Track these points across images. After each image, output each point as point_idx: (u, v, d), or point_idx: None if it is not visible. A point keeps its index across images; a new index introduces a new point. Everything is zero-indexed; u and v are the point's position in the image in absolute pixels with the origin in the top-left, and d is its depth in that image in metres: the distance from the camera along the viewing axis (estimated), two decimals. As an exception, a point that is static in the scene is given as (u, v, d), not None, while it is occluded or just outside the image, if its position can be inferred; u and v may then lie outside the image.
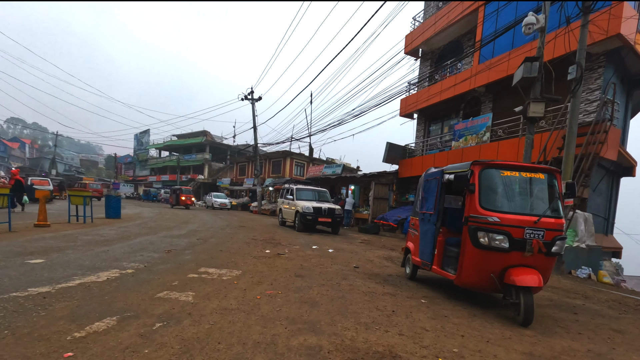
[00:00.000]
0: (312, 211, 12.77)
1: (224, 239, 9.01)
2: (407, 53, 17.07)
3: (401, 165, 16.85)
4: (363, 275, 5.70)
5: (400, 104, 17.06)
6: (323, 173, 21.19)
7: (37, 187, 22.90)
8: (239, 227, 13.39)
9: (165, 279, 4.33)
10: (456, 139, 13.72)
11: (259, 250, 7.44)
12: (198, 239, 8.68)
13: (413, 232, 5.63)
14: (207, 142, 47.63)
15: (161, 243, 7.41)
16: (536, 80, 6.53)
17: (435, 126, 16.55)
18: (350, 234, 14.29)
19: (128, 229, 9.59)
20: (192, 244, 7.71)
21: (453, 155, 13.64)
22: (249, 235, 10.45)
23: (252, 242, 8.77)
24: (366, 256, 7.98)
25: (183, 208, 26.87)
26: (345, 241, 10.97)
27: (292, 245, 8.87)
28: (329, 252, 8.06)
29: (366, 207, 18.08)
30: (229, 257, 6.26)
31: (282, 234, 11.84)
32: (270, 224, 16.05)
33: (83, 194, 10.31)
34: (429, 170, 5.42)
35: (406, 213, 14.05)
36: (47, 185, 24.36)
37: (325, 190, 15.29)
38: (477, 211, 3.84)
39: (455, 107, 15.04)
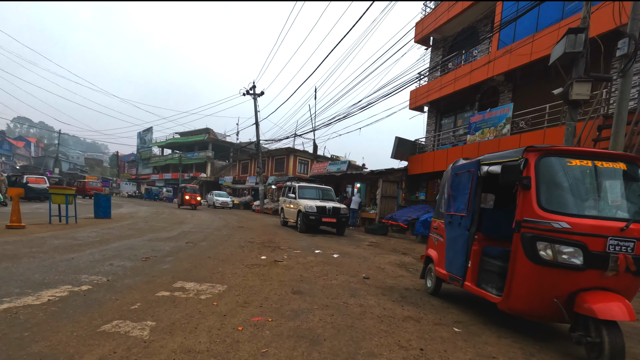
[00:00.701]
0: (315, 211, 11.80)
1: (216, 242, 8.08)
2: (417, 42, 15.98)
3: (411, 162, 15.79)
4: (375, 289, 4.72)
5: (410, 96, 15.99)
6: (327, 170, 20.21)
7: (32, 185, 22.27)
8: (237, 227, 12.47)
9: (124, 300, 3.39)
10: (472, 132, 12.64)
11: (254, 256, 6.49)
12: (187, 242, 7.76)
13: (436, 238, 4.63)
14: (209, 139, 46.88)
15: (142, 248, 6.48)
16: (580, 57, 5.49)
17: (448, 120, 15.46)
18: (356, 235, 13.31)
19: (112, 231, 8.70)
20: (179, 248, 6.78)
21: (468, 150, 12.56)
22: (246, 238, 9.51)
23: (247, 246, 7.83)
24: (376, 262, 6.99)
25: (189, 208, 23.83)
26: (351, 244, 9.99)
27: (292, 249, 7.92)
28: (334, 258, 7.09)
29: (373, 206, 17.07)
30: (216, 266, 5.31)
31: (283, 235, 10.89)
32: (271, 224, 15.12)
33: (65, 192, 9.45)
34: (457, 162, 4.42)
35: (417, 213, 13.02)
36: (43, 184, 23.72)
37: (330, 188, 14.31)
38: (535, 214, 2.83)
39: (469, 99, 13.95)
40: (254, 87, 26.89)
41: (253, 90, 26.95)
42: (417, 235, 11.86)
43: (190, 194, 24.22)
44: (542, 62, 10.45)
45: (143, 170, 61.49)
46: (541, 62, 10.44)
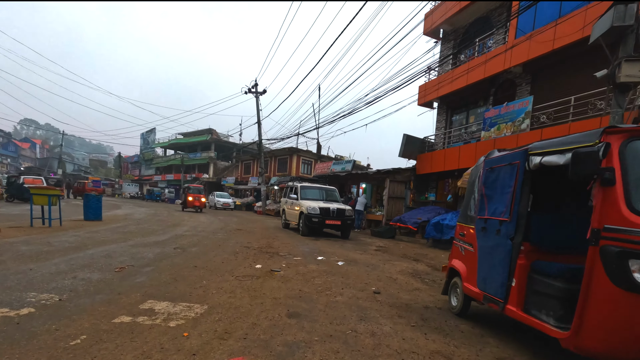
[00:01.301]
0: (318, 212, 11.00)
1: (209, 248, 7.30)
2: (426, 34, 15.16)
3: (419, 161, 14.94)
4: (389, 308, 3.90)
5: (419, 91, 15.15)
6: (331, 170, 19.40)
7: (28, 186, 21.73)
8: (235, 230, 11.70)
9: (67, 331, 2.61)
10: (486, 128, 11.76)
11: (248, 265, 5.70)
12: (176, 247, 6.99)
13: (464, 247, 3.80)
14: (212, 140, 46.29)
15: (121, 255, 5.72)
16: (630, 32, 4.64)
17: (459, 116, 14.59)
18: (362, 238, 12.48)
19: (95, 235, 7.97)
20: (164, 255, 6.01)
21: (483, 147, 11.69)
22: (243, 242, 8.74)
23: (242, 252, 7.05)
24: (386, 271, 6.17)
25: (193, 211, 21.06)
26: (357, 248, 9.17)
27: (292, 255, 7.12)
28: (339, 266, 6.28)
29: (379, 208, 16.23)
30: (201, 279, 4.53)
31: (283, 239, 10.10)
32: (272, 227, 14.35)
33: (48, 193, 8.75)
34: (492, 154, 3.60)
35: (427, 214, 12.16)
36: (41, 184, 23.20)
37: (334, 188, 13.51)
38: (622, 219, 2.01)
39: (483, 93, 13.07)
40: (256, 85, 26.21)
41: (255, 89, 26.26)
42: (428, 239, 11.01)
43: (194, 194, 20.90)
44: (566, 50, 9.58)
45: (146, 171, 61.16)
46: (566, 50, 9.58)
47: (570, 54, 9.79)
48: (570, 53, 9.76)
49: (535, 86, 11.17)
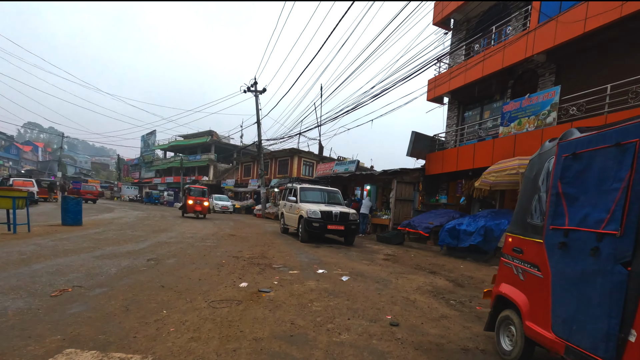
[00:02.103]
0: (319, 216, 9.91)
1: (190, 259, 6.22)
2: (435, 24, 14.10)
3: (429, 161, 13.82)
4: (415, 353, 2.80)
5: (428, 85, 14.06)
6: (334, 171, 18.31)
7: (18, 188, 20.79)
8: (227, 236, 10.62)
9: None
10: (505, 123, 10.64)
11: (231, 283, 4.60)
12: (150, 259, 5.91)
13: (525, 269, 2.68)
14: (212, 141, 45.36)
15: (74, 271, 4.64)
16: None
17: (473, 112, 13.47)
18: (367, 244, 11.36)
19: (60, 244, 6.89)
20: (129, 270, 4.94)
21: (501, 144, 10.58)
22: (233, 250, 7.65)
23: (229, 264, 5.96)
24: (401, 289, 5.05)
25: (194, 217, 18.10)
26: (363, 257, 8.06)
27: (288, 267, 6.02)
28: (343, 283, 5.17)
29: (386, 211, 15.11)
30: (162, 307, 3.44)
31: (280, 246, 9.01)
32: (270, 232, 13.26)
33: (12, 195, 7.71)
34: (571, 133, 2.51)
35: (439, 219, 11.03)
36: (32, 187, 22.27)
37: (337, 190, 12.42)
38: None
39: (500, 86, 11.96)
40: (255, 84, 25.24)
41: (254, 87, 25.30)
42: (442, 246, 9.87)
43: (195, 197, 17.78)
44: (599, 34, 8.48)
45: (146, 174, 60.36)
46: (599, 34, 8.47)
47: (603, 37, 8.69)
48: (603, 37, 8.66)
49: (561, 76, 10.05)
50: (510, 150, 10.21)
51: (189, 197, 17.69)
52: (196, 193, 18.50)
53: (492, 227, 8.05)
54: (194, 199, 17.64)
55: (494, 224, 8.11)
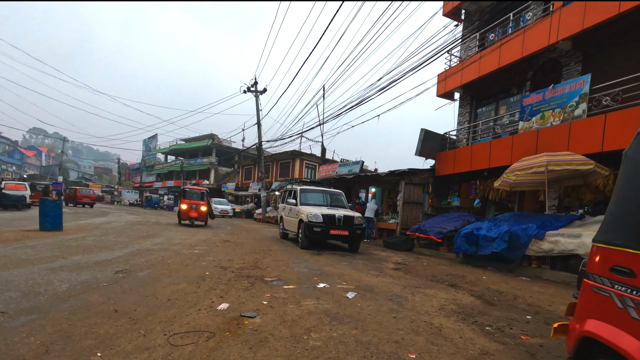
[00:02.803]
0: (321, 221, 8.96)
1: (168, 270, 5.29)
2: (446, 15, 13.20)
3: (439, 160, 12.84)
4: None
5: (438, 80, 13.11)
6: (337, 173, 17.37)
7: (8, 192, 20.02)
8: (221, 242, 9.68)
9: None
10: (526, 117, 9.67)
11: (207, 305, 3.66)
12: (118, 271, 4.98)
13: (628, 299, 1.70)
14: (213, 145, 44.65)
15: (10, 290, 3.71)
16: None
17: (487, 107, 12.49)
18: (373, 250, 10.38)
19: (19, 252, 5.98)
20: (84, 287, 4.01)
21: (521, 140, 9.60)
22: (222, 259, 6.71)
23: (212, 277, 5.01)
24: (421, 310, 4.08)
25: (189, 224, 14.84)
26: (371, 266, 7.09)
27: (283, 281, 5.07)
28: (349, 301, 4.21)
29: (393, 215, 14.12)
30: (100, 344, 2.50)
31: (277, 254, 8.06)
32: (268, 237, 12.32)
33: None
34: None
35: (453, 223, 10.02)
36: (24, 190, 21.52)
37: (340, 192, 11.46)
38: None
39: (517, 78, 11.01)
40: (256, 84, 24.47)
41: (255, 87, 24.53)
42: (458, 253, 8.86)
43: (190, 201, 14.63)
44: (637, 14, 7.52)
45: (147, 178, 59.76)
46: (636, 14, 7.51)
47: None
48: None
49: (588, 65, 9.08)
50: (532, 146, 9.22)
51: (183, 201, 14.64)
52: (192, 195, 15.06)
53: (519, 233, 7.05)
54: (188, 202, 14.48)
55: (520, 228, 7.10)
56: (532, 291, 5.64)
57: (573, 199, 9.15)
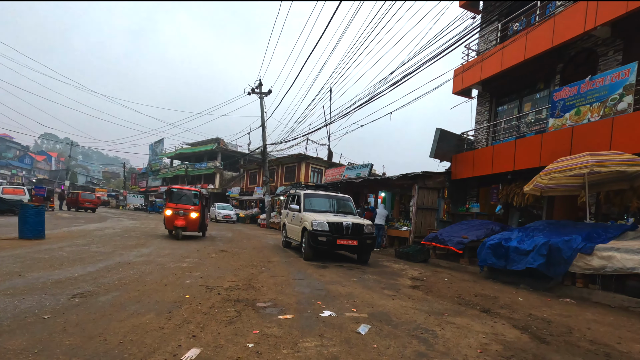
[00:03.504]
0: (327, 229, 7.99)
1: (139, 292, 4.36)
2: (462, 6, 12.24)
3: (456, 163, 11.80)
4: None
5: (454, 76, 12.11)
6: (344, 176, 16.39)
7: (5, 196, 19.48)
8: (216, 252, 8.77)
9: None
10: (557, 113, 8.60)
11: (171, 351, 2.70)
12: (76, 295, 4.06)
13: None
14: (218, 149, 44.03)
15: None
16: None
17: (509, 105, 11.43)
18: (384, 261, 9.36)
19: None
20: (13, 321, 3.09)
21: (553, 139, 8.53)
22: (213, 274, 5.78)
23: (193, 302, 4.07)
24: (459, 355, 3.07)
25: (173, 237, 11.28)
26: (384, 283, 6.08)
27: (279, 306, 4.10)
28: (361, 340, 3.22)
29: (404, 221, 13.07)
30: None
31: (277, 267, 7.10)
32: (271, 245, 11.38)
33: None
34: None
35: (475, 231, 8.96)
36: (23, 195, 20.98)
37: (348, 197, 10.49)
38: None
39: (544, 72, 9.96)
40: (260, 85, 23.74)
41: (259, 89, 23.80)
42: (482, 267, 7.77)
43: (177, 205, 11.15)
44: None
45: (153, 182, 59.51)
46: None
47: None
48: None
49: (631, 53, 8.01)
50: (565, 146, 8.16)
51: (168, 205, 11.14)
52: (181, 198, 11.58)
53: (560, 246, 5.97)
54: (174, 207, 10.95)
55: (561, 241, 6.03)
56: (587, 320, 4.57)
57: (615, 205, 8.02)
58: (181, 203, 11.37)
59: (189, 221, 11.04)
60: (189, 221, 11.03)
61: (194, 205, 11.43)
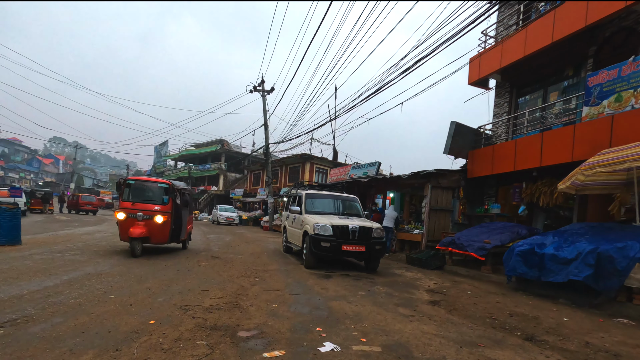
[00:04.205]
0: (330, 233, 7.04)
1: (89, 317, 3.46)
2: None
3: (472, 159, 10.77)
4: None
5: (470, 65, 11.09)
6: (350, 176, 15.42)
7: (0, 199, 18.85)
8: (207, 259, 7.87)
9: None
10: (593, 101, 7.55)
11: None
12: (4, 323, 3.18)
13: None
14: (222, 150, 43.38)
15: None
16: None
17: (532, 95, 10.36)
18: (395, 268, 8.37)
19: None
20: None
21: (588, 130, 7.48)
22: (194, 290, 4.87)
23: (156, 330, 3.16)
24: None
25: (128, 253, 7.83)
26: (398, 298, 5.11)
27: (266, 336, 3.17)
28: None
29: (416, 224, 12.05)
30: None
31: (273, 277, 6.17)
32: (271, 250, 10.46)
33: None
34: None
35: (498, 235, 7.92)
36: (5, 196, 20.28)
37: (355, 197, 9.54)
38: None
39: (574, 56, 8.90)
40: (263, 83, 22.91)
41: (262, 87, 22.97)
42: (511, 277, 6.73)
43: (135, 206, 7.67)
44: None
45: (157, 184, 59.10)
46: None
47: None
48: None
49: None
50: (604, 136, 7.11)
51: (122, 205, 7.81)
52: (143, 194, 8.04)
53: (612, 254, 4.94)
54: (130, 208, 7.63)
55: (613, 248, 4.99)
56: (664, 352, 3.55)
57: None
58: (142, 201, 7.74)
59: (153, 228, 7.48)
60: (152, 228, 7.46)
61: (161, 205, 7.81)
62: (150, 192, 8.15)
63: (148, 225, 7.49)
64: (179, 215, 8.33)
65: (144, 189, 8.16)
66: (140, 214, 7.50)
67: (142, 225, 7.42)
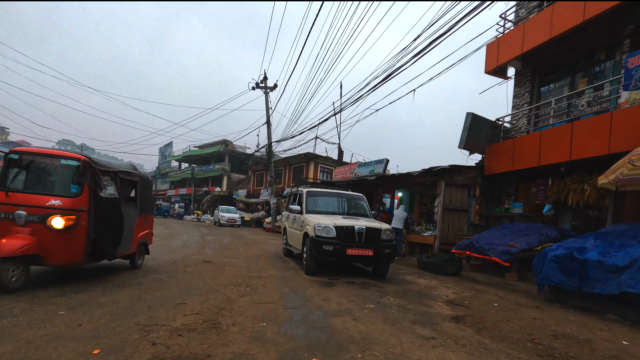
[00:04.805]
0: (334, 235, 6.20)
1: (11, 356, 2.66)
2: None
3: (490, 154, 9.85)
4: None
5: (487, 52, 10.17)
6: (356, 174, 14.55)
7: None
8: (197, 264, 7.07)
9: None
10: (634, 84, 6.60)
11: None
12: None
13: None
14: (226, 151, 42.78)
15: None
16: None
17: (557, 83, 9.41)
18: (406, 274, 7.49)
19: None
20: None
21: (627, 117, 6.54)
22: (171, 300, 4.06)
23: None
24: None
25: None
26: (414, 313, 4.24)
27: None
28: None
29: (427, 225, 11.13)
30: None
31: (268, 285, 5.33)
32: (269, 253, 9.64)
33: None
34: None
35: (524, 238, 7.00)
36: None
37: (361, 195, 8.67)
38: None
39: (607, 37, 7.96)
40: (265, 80, 22.19)
41: (264, 84, 22.25)
42: (543, 286, 5.79)
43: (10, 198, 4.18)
44: None
45: (161, 185, 58.89)
46: None
47: None
48: None
49: None
50: None
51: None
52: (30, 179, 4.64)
53: (680, 262, 4.01)
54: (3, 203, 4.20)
55: (681, 254, 4.06)
56: None
57: None
58: (27, 191, 4.43)
59: (47, 239, 4.23)
60: (45, 239, 4.22)
61: (64, 197, 4.41)
62: (46, 175, 4.74)
63: (37, 232, 4.19)
64: (115, 217, 5.01)
65: (35, 169, 4.68)
66: (22, 213, 4.15)
67: (24, 233, 4.15)
